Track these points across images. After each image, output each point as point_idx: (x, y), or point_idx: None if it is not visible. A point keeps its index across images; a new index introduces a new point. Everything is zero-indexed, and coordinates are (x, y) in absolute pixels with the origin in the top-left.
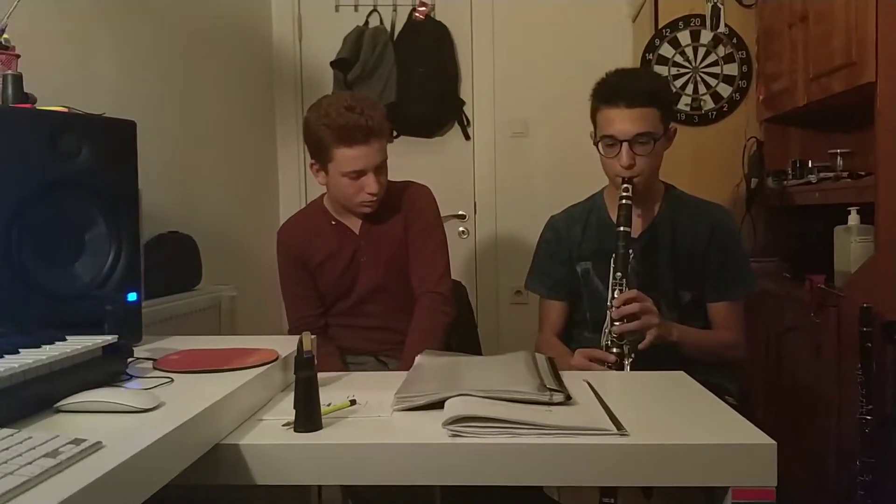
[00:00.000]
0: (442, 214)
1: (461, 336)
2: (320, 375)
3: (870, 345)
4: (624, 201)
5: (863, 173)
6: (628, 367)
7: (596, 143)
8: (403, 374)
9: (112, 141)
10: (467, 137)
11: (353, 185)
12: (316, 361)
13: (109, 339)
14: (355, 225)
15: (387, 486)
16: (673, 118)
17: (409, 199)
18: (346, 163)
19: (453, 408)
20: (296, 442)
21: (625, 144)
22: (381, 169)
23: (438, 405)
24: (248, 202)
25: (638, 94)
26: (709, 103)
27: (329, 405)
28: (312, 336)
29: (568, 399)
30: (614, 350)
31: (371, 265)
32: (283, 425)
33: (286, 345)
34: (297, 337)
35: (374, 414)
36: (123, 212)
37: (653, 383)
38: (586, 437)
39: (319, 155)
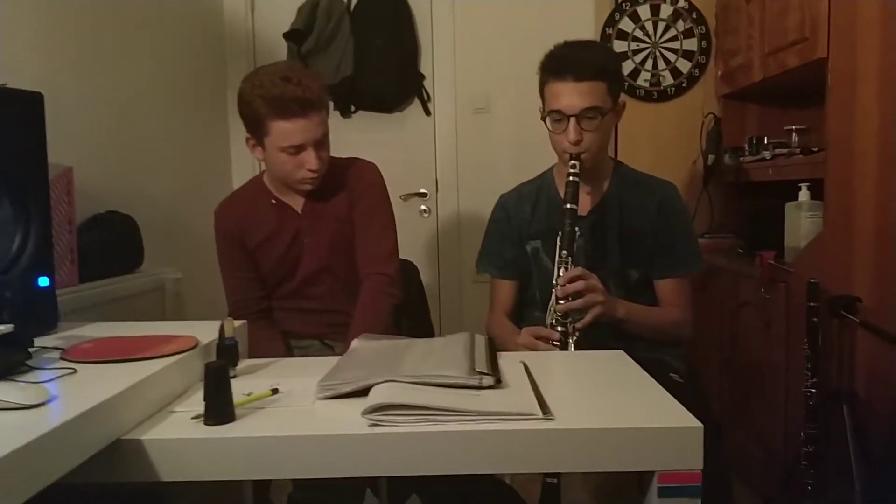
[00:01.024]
0: (403, 193)
1: (412, 317)
2: (252, 362)
3: (816, 320)
4: (571, 178)
5: (815, 149)
6: (572, 346)
7: (544, 118)
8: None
9: (15, 114)
10: (428, 113)
11: (291, 160)
12: (239, 348)
13: (3, 328)
14: (297, 204)
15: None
16: (621, 91)
17: (355, 177)
18: (284, 137)
19: (376, 395)
20: (202, 436)
21: (572, 119)
22: (321, 143)
23: (364, 393)
24: (198, 180)
25: (586, 67)
26: (668, 79)
27: (249, 394)
28: (240, 322)
29: (498, 382)
30: (559, 329)
31: (314, 246)
32: (193, 418)
33: (215, 331)
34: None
35: (295, 403)
36: (32, 191)
37: (591, 363)
38: (510, 422)
39: (255, 129)
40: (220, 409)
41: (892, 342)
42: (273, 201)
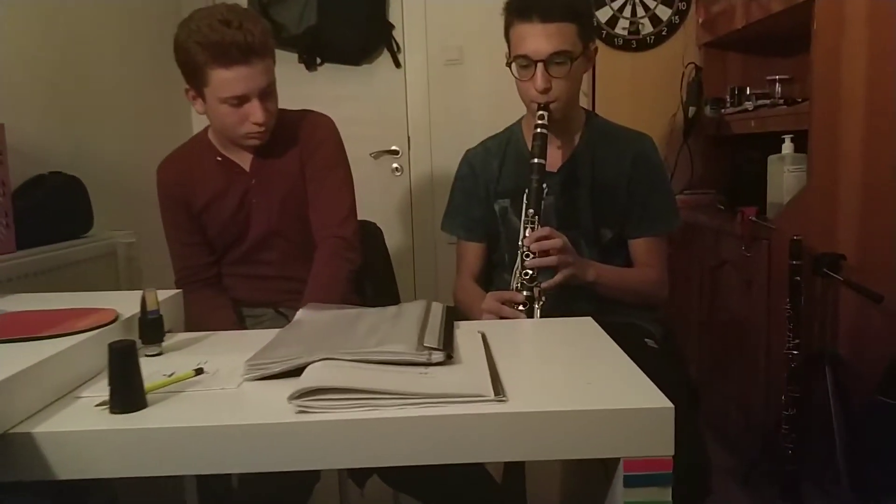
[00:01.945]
0: (373, 150)
1: (376, 284)
2: (184, 336)
3: (798, 279)
4: (539, 130)
5: (799, 100)
6: (538, 312)
7: (509, 64)
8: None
9: None
10: (398, 65)
11: (234, 113)
12: (181, 318)
13: None
14: (245, 161)
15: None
16: (593, 35)
17: (307, 131)
18: (224, 87)
19: (308, 377)
20: (105, 426)
21: (539, 65)
22: (267, 94)
23: (298, 373)
24: (154, 134)
25: (553, 7)
26: (647, 27)
27: (171, 375)
28: (173, 292)
29: (449, 358)
30: (524, 293)
31: (264, 207)
32: (97, 405)
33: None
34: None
35: (218, 385)
36: None
37: (556, 333)
38: (458, 405)
39: (193, 78)
40: (127, 394)
41: (876, 301)
42: (218, 158)
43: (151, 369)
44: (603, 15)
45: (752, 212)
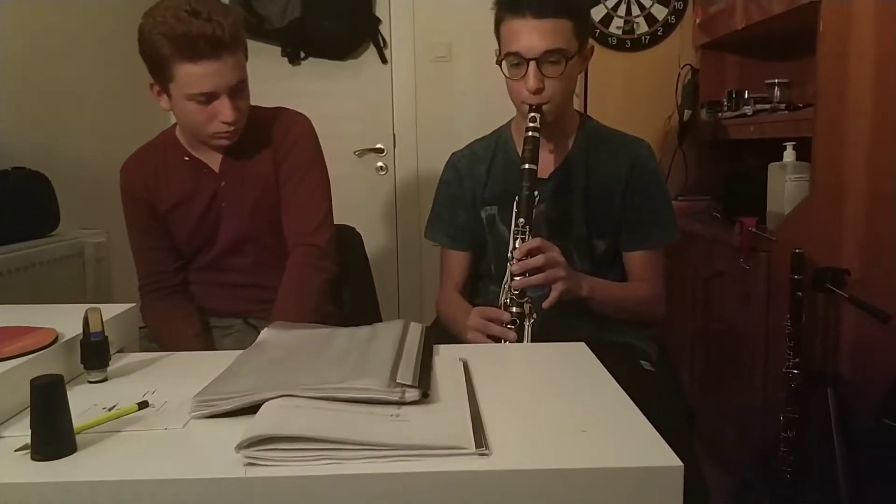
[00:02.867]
0: (357, 148)
1: (354, 292)
2: (134, 358)
3: (800, 294)
4: (530, 134)
5: (801, 105)
6: (528, 332)
7: (499, 62)
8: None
9: None
10: (384, 61)
11: (202, 111)
12: (112, 345)
13: None
14: (214, 161)
15: None
16: (589, 34)
17: (281, 130)
18: (191, 83)
19: (262, 421)
20: (20, 479)
21: (532, 64)
22: (237, 91)
23: (255, 409)
24: (125, 131)
25: (547, 1)
26: (642, 26)
27: (112, 408)
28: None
29: (425, 396)
30: (514, 309)
31: (234, 211)
32: (18, 449)
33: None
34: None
35: (162, 425)
36: None
37: (546, 362)
38: (433, 459)
39: (158, 73)
40: (51, 438)
41: (882, 320)
42: (186, 158)
43: (90, 401)
44: (597, 13)
45: (751, 222)
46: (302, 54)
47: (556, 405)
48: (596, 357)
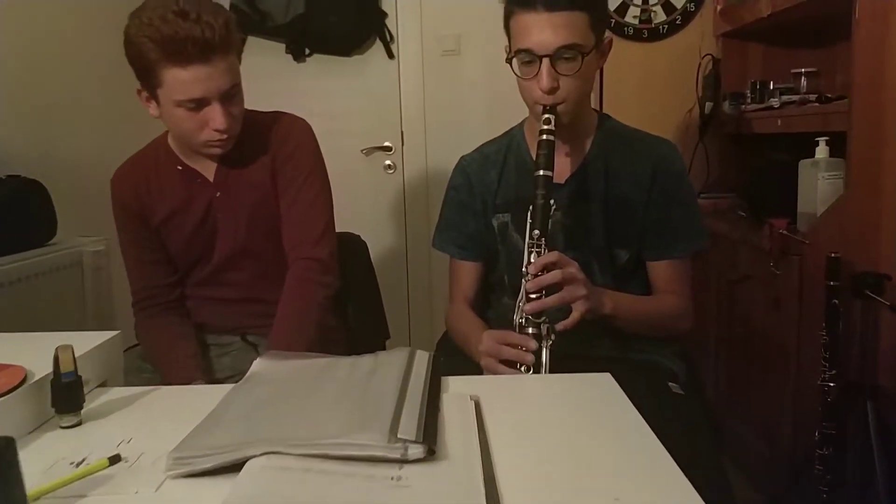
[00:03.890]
0: (364, 147)
1: (359, 304)
2: (115, 395)
3: (836, 301)
4: (545, 137)
5: (830, 96)
6: (547, 357)
7: (509, 60)
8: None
9: None
10: (391, 56)
11: (192, 118)
12: (90, 381)
13: None
14: (209, 170)
15: None
16: (606, 27)
17: (279, 137)
18: (180, 89)
19: (243, 487)
20: None
21: (545, 61)
22: (230, 96)
23: (239, 466)
24: (125, 134)
25: None
26: (660, 15)
27: (81, 462)
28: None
29: (431, 453)
30: (530, 330)
31: (231, 222)
32: None
33: (82, 344)
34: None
35: (133, 488)
36: None
37: (566, 399)
38: None
39: (146, 79)
40: None
41: None
42: (179, 167)
43: (58, 453)
44: (612, 2)
45: (781, 224)
46: (306, 51)
47: (582, 460)
48: (621, 388)
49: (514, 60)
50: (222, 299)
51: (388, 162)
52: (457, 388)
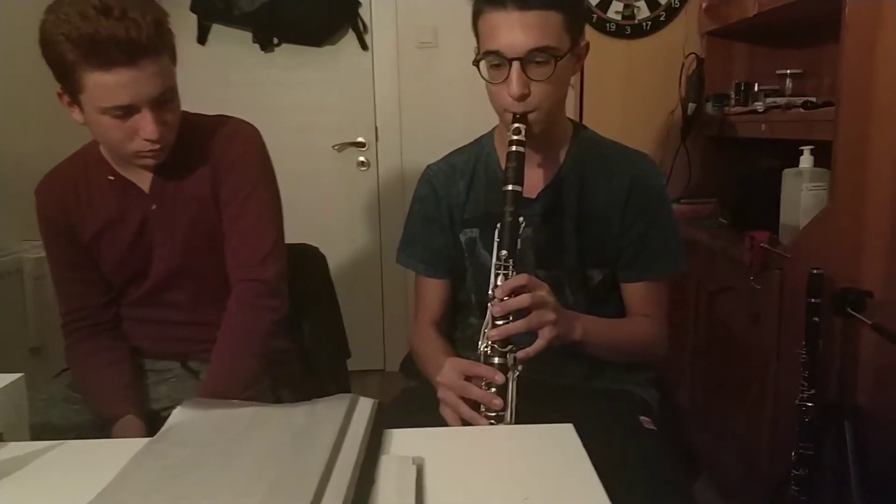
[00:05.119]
0: (336, 143)
1: (316, 323)
2: (15, 452)
3: (817, 319)
4: (514, 148)
5: (816, 101)
6: (513, 389)
7: (477, 62)
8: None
9: None
10: (364, 47)
11: (120, 127)
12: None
13: None
14: (144, 180)
15: None
16: (583, 28)
17: (223, 144)
18: (104, 95)
19: None
20: None
21: (515, 65)
22: (163, 102)
23: None
24: (72, 131)
25: None
26: (643, 11)
27: None
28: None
29: None
30: (495, 360)
31: (168, 238)
32: None
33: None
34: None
35: None
36: None
37: (521, 457)
38: None
39: (65, 82)
40: None
41: None
42: (111, 177)
43: None
44: None
45: (763, 237)
46: (275, 40)
47: None
48: (588, 426)
49: (483, 63)
50: (160, 321)
51: (361, 158)
52: (400, 445)
